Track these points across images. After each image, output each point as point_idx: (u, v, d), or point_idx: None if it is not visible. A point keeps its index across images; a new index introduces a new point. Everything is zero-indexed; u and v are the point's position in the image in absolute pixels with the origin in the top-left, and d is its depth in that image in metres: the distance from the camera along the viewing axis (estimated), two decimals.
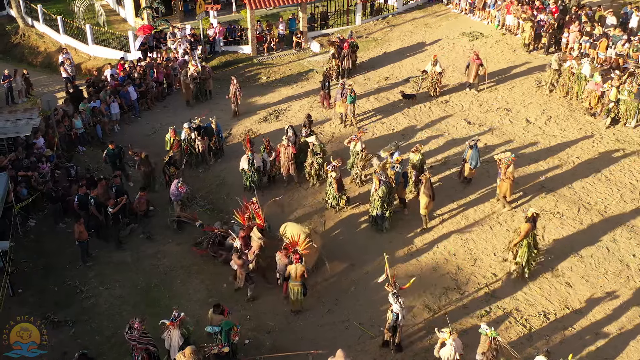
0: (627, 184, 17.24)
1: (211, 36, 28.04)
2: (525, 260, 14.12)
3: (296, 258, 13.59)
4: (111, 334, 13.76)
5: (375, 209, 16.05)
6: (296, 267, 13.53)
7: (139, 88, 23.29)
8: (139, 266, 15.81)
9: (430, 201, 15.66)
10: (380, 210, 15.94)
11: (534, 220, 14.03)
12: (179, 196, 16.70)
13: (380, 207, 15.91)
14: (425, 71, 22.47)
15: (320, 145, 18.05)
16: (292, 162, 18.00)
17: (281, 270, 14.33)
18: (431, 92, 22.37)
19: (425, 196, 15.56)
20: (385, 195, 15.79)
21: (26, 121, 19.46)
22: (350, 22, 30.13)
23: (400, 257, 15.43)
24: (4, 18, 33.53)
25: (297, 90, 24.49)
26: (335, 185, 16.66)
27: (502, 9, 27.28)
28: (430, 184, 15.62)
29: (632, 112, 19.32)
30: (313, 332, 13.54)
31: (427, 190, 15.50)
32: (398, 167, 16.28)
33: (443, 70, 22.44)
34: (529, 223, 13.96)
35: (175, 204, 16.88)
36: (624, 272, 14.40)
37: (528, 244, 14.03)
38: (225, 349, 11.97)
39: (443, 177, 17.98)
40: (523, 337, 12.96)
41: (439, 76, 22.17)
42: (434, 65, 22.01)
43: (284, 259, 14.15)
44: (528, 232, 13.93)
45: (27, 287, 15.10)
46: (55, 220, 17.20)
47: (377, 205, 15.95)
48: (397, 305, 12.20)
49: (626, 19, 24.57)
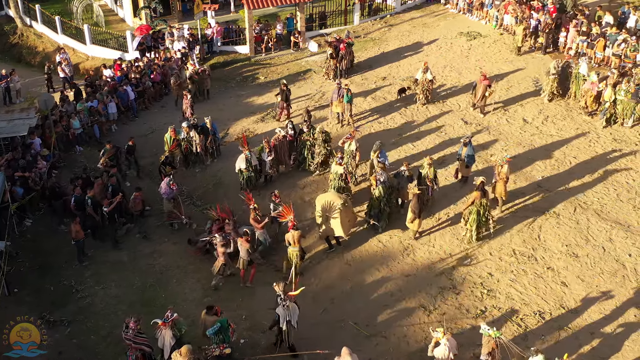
0: (624, 183, 17.24)
1: (209, 36, 28.08)
2: (474, 226, 15.14)
3: (290, 225, 14.51)
4: (107, 334, 13.76)
5: (372, 208, 16.01)
6: (292, 233, 14.39)
7: (136, 88, 23.30)
8: (135, 266, 15.83)
9: (416, 217, 15.29)
10: (377, 209, 15.90)
11: (482, 189, 14.98)
12: (171, 194, 16.71)
13: (377, 207, 15.89)
14: (416, 79, 21.83)
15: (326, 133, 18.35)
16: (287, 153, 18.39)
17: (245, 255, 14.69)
18: (422, 100, 21.77)
19: (410, 212, 15.31)
20: (382, 196, 15.77)
21: (23, 121, 19.47)
22: (348, 22, 30.15)
23: (396, 256, 15.44)
24: (2, 18, 33.61)
25: (295, 90, 24.45)
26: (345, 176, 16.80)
27: (500, 8, 27.29)
28: (418, 200, 15.16)
29: (629, 112, 19.32)
30: (309, 331, 13.51)
31: (413, 206, 15.17)
32: (383, 175, 15.91)
33: (434, 77, 21.95)
34: (478, 191, 14.92)
35: (166, 201, 16.87)
36: (620, 271, 14.39)
37: (477, 211, 15.03)
38: (227, 350, 11.89)
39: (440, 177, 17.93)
40: (518, 336, 12.95)
41: (430, 84, 21.63)
42: (425, 72, 21.47)
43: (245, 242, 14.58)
44: (475, 200, 14.97)
45: (23, 287, 15.11)
46: (58, 221, 17.17)
47: (374, 205, 15.93)
48: (280, 308, 12.29)
49: (624, 18, 24.59)
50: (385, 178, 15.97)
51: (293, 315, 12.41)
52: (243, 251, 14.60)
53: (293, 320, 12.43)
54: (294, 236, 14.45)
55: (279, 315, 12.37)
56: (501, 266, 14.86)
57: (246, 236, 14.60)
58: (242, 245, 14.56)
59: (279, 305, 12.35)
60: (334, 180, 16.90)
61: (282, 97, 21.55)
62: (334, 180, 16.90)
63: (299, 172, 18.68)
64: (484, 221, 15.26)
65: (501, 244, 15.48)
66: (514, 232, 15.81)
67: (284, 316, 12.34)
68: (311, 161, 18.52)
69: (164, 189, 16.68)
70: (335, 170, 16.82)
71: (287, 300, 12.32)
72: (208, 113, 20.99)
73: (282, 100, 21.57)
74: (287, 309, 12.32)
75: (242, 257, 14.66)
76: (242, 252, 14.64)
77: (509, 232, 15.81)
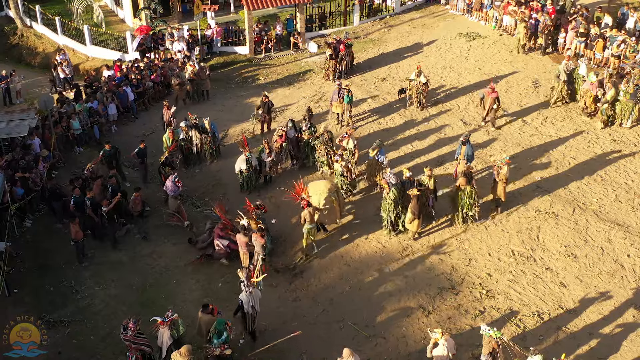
0: (623, 184, 17.27)
1: (209, 37, 28.10)
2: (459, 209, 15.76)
3: (304, 204, 15.21)
4: (106, 334, 13.79)
5: (389, 212, 15.75)
6: (307, 210, 15.12)
7: (136, 89, 23.33)
8: (134, 266, 15.86)
9: (415, 218, 15.27)
10: (394, 212, 15.69)
11: (466, 175, 15.59)
12: (177, 191, 16.74)
13: (394, 210, 15.69)
14: (410, 80, 21.72)
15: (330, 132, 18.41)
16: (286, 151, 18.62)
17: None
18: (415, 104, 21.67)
19: (409, 212, 15.29)
20: (398, 197, 15.55)
21: (23, 122, 19.47)
22: (348, 23, 30.18)
23: (395, 257, 15.46)
24: (3, 19, 33.64)
25: (295, 90, 24.54)
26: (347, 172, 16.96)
27: (500, 9, 27.33)
28: (418, 201, 15.08)
29: (627, 113, 19.35)
30: (308, 332, 13.54)
31: (413, 207, 15.14)
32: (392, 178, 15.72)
33: (428, 80, 21.75)
34: (463, 177, 15.54)
35: (172, 199, 16.88)
36: (618, 272, 14.42)
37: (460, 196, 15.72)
38: (227, 351, 11.94)
39: (439, 177, 17.95)
40: (517, 337, 12.97)
41: (424, 87, 21.43)
42: (418, 75, 21.32)
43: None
44: (460, 186, 15.60)
45: (22, 287, 15.13)
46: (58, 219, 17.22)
47: (390, 209, 15.70)
48: (243, 294, 12.66)
49: (623, 20, 24.62)
50: (396, 180, 15.75)
51: (257, 301, 12.80)
52: (258, 246, 14.73)
53: (257, 306, 12.80)
54: (310, 213, 15.15)
55: (242, 301, 12.72)
56: (500, 267, 14.88)
57: (260, 232, 14.76)
58: (257, 240, 14.69)
59: (243, 291, 12.69)
60: (338, 178, 17.08)
61: (263, 109, 20.76)
62: (338, 178, 17.09)
63: (301, 172, 18.69)
64: (469, 206, 15.77)
65: (500, 245, 15.52)
66: (512, 232, 15.84)
67: (248, 302, 12.69)
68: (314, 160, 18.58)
69: (170, 187, 16.71)
70: (336, 167, 17.07)
71: (249, 287, 12.67)
72: (208, 114, 20.99)
73: (263, 112, 20.81)
74: (250, 295, 12.66)
75: (257, 252, 14.77)
76: (257, 247, 14.76)
77: (507, 233, 15.85)
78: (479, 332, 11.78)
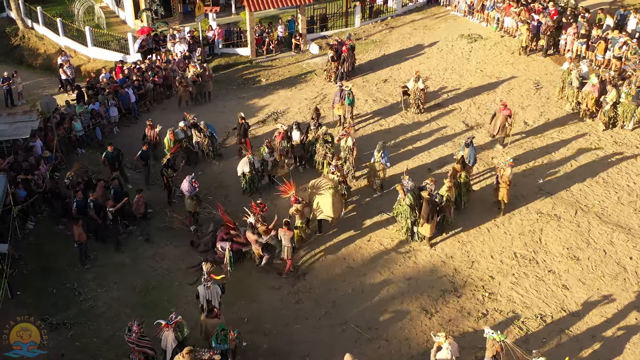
0: (625, 186, 17.27)
1: (210, 38, 28.11)
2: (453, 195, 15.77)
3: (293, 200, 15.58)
4: (109, 337, 13.78)
5: (406, 218, 15.63)
6: (296, 206, 15.49)
7: (138, 90, 23.33)
8: (137, 268, 15.84)
9: (425, 222, 15.23)
10: (412, 218, 15.55)
11: (462, 162, 16.16)
12: (193, 191, 16.70)
13: (412, 216, 15.54)
14: (407, 87, 21.62)
15: (330, 135, 18.41)
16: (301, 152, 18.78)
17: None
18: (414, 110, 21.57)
19: (420, 217, 15.25)
20: (414, 203, 15.40)
21: (25, 123, 19.46)
22: (349, 24, 30.18)
23: (398, 259, 15.47)
24: (4, 20, 33.63)
25: (296, 92, 24.55)
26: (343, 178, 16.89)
27: (501, 11, 27.33)
28: (428, 204, 14.96)
29: (629, 115, 19.35)
30: (310, 334, 13.57)
31: (423, 210, 15.07)
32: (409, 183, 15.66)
33: (426, 86, 21.72)
34: (458, 164, 16.11)
35: (188, 200, 16.86)
36: (621, 274, 14.44)
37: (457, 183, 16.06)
38: (216, 357, 11.88)
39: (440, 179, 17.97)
40: (520, 339, 12.99)
41: (422, 93, 21.34)
42: (416, 81, 21.25)
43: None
44: (456, 172, 16.07)
45: (25, 290, 15.13)
46: (56, 221, 17.23)
47: (407, 215, 15.56)
48: (201, 286, 12.97)
49: (624, 21, 24.61)
50: (412, 186, 15.64)
51: (214, 297, 12.97)
52: (286, 240, 14.84)
53: (214, 301, 12.96)
54: (298, 209, 15.48)
55: (199, 293, 12.97)
56: (502, 269, 14.90)
57: (287, 226, 14.90)
58: (285, 235, 14.81)
59: (202, 284, 12.97)
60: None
61: (239, 130, 19.68)
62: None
63: (303, 172, 18.71)
64: (465, 191, 16.30)
65: (502, 247, 15.53)
66: (515, 235, 15.86)
67: (204, 295, 12.89)
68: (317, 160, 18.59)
69: (187, 187, 16.61)
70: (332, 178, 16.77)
71: (209, 281, 12.78)
72: (209, 115, 20.99)
73: (239, 135, 19.71)
74: (208, 289, 12.86)
75: (286, 245, 14.90)
76: (285, 241, 14.87)
77: (510, 235, 15.87)
78: (482, 335, 11.79)
